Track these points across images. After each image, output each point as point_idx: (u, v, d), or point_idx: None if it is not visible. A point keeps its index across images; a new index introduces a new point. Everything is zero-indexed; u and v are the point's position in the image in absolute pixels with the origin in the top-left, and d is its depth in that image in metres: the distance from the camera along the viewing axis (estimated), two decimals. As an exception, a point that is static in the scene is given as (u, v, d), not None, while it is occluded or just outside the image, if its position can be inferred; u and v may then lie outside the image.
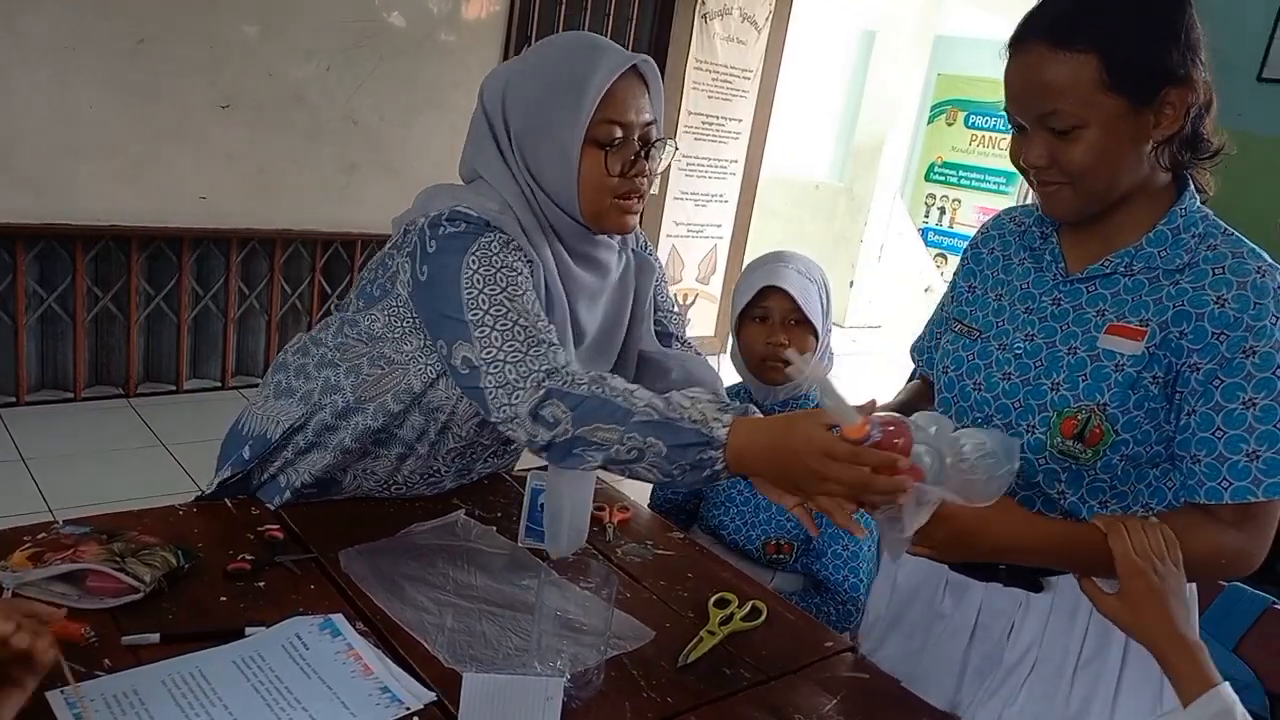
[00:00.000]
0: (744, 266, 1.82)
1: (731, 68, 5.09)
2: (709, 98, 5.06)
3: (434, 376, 1.32)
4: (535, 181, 1.28)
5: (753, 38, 5.10)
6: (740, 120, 5.25)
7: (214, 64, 3.60)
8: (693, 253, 5.36)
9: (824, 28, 6.63)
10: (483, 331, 1.18)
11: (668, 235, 5.19)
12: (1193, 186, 1.12)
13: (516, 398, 1.14)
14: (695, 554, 1.50)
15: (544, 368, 1.15)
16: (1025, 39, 1.06)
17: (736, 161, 5.33)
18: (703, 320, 5.53)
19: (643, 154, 1.28)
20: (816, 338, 1.71)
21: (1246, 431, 1.03)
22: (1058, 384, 1.12)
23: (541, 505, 1.38)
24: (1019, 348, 1.17)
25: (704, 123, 5.10)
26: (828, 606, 1.68)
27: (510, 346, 1.17)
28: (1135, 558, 1.01)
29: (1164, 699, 1.16)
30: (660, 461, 1.07)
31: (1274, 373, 1.03)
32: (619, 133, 1.25)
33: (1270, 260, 1.07)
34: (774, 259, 1.75)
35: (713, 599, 1.31)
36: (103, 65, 3.39)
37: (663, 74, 5.19)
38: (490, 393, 1.17)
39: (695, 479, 1.09)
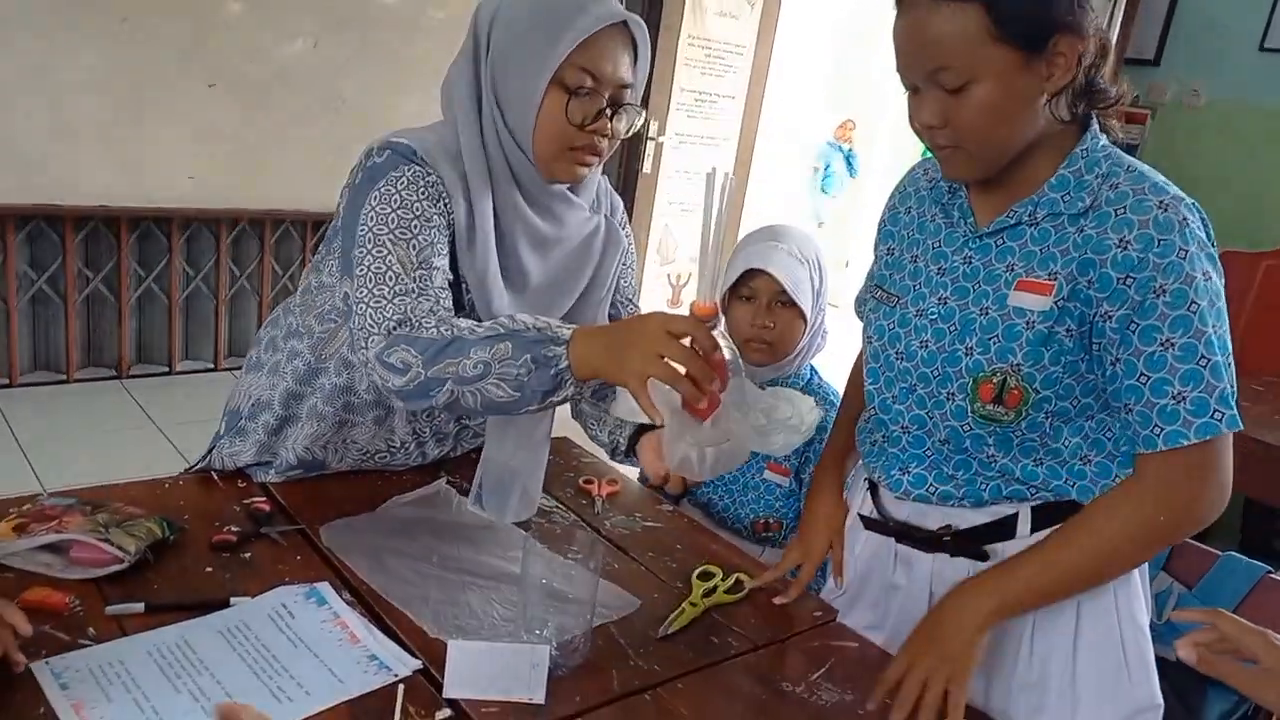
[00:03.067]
0: (738, 241, 1.79)
1: (724, 43, 5.06)
2: (702, 74, 5.03)
3: None
4: (500, 110, 1.25)
5: (745, 12, 5.06)
6: (733, 97, 5.22)
7: (199, 42, 3.56)
8: (686, 231, 5.34)
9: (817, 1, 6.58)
10: (361, 270, 1.19)
11: (660, 214, 5.17)
12: (1096, 126, 1.09)
13: (370, 342, 1.17)
14: (684, 526, 1.50)
15: (396, 316, 1.16)
16: None
17: (729, 139, 5.31)
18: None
19: (608, 112, 1.25)
20: (805, 320, 1.70)
21: (1169, 373, 1.01)
22: (971, 348, 1.11)
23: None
24: (933, 313, 1.16)
25: (696, 99, 5.07)
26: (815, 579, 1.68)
27: (376, 290, 1.18)
28: (1259, 632, 0.91)
29: (1124, 648, 1.16)
30: (506, 367, 1.08)
31: (1188, 309, 1.00)
32: (589, 82, 1.23)
33: (1176, 192, 1.04)
34: (766, 236, 1.72)
35: (697, 571, 1.31)
36: (88, 45, 3.35)
37: (654, 50, 5.12)
38: (354, 333, 1.20)
39: (543, 381, 1.08)
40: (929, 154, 1.16)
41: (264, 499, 1.33)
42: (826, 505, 1.36)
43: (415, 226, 1.20)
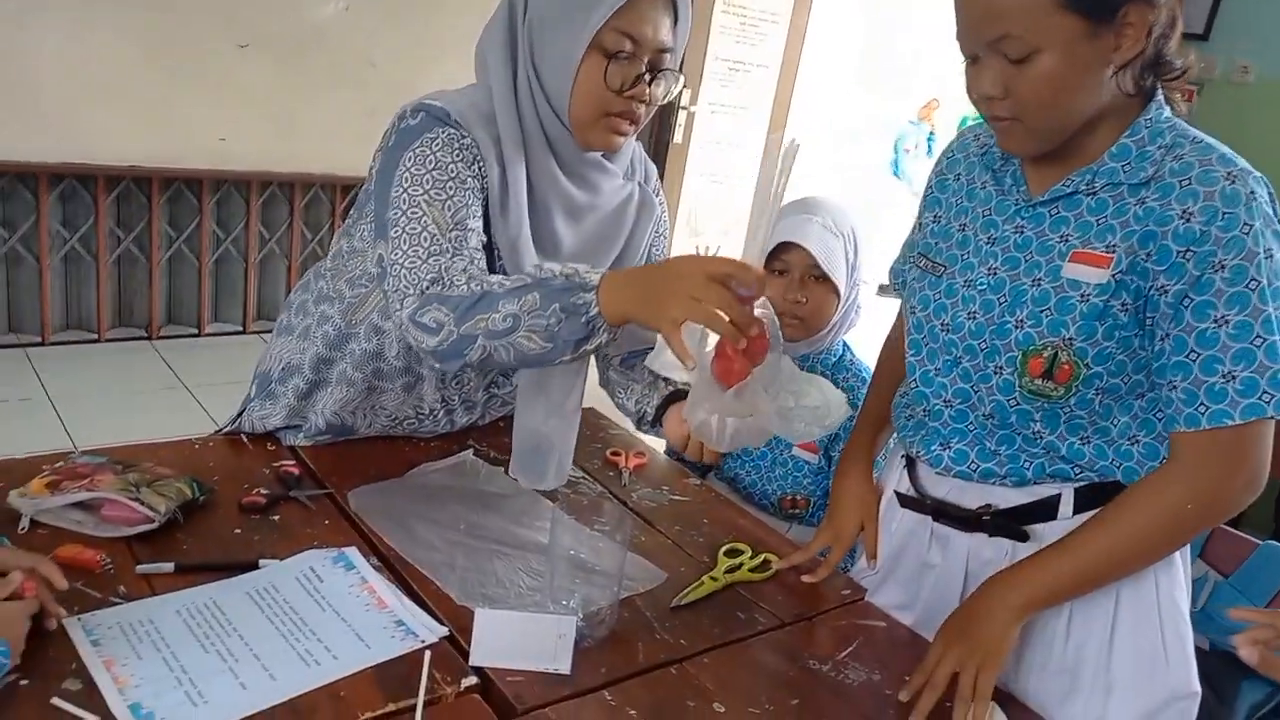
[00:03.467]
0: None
1: (760, 10, 4.98)
2: (736, 42, 4.96)
3: None
4: (536, 74, 1.24)
5: (781, -20, 4.98)
6: (767, 66, 5.15)
7: (232, 3, 3.55)
8: (716, 201, 5.29)
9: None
10: (396, 231, 1.19)
11: (691, 184, 5.12)
12: (1161, 97, 1.06)
13: (405, 303, 1.16)
14: (711, 500, 1.48)
15: (430, 276, 1.16)
16: None
17: (764, 107, 5.24)
18: (725, 271, 5.48)
19: (646, 77, 1.23)
20: (838, 295, 1.66)
21: (1221, 351, 0.98)
22: (1021, 321, 1.08)
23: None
24: (982, 283, 1.12)
25: (730, 68, 5.00)
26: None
27: (412, 250, 1.17)
28: None
29: (1163, 634, 1.14)
30: (536, 318, 1.07)
31: (1246, 286, 0.97)
32: (628, 46, 1.20)
33: (1244, 164, 1.00)
34: (801, 208, 1.68)
35: (724, 548, 1.29)
36: (120, 5, 3.35)
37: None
38: (389, 296, 1.19)
39: (574, 330, 1.07)
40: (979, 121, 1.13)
41: (293, 462, 1.34)
42: (857, 486, 1.34)
43: (450, 188, 1.19)
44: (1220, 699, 1.43)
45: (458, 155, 1.21)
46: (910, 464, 1.29)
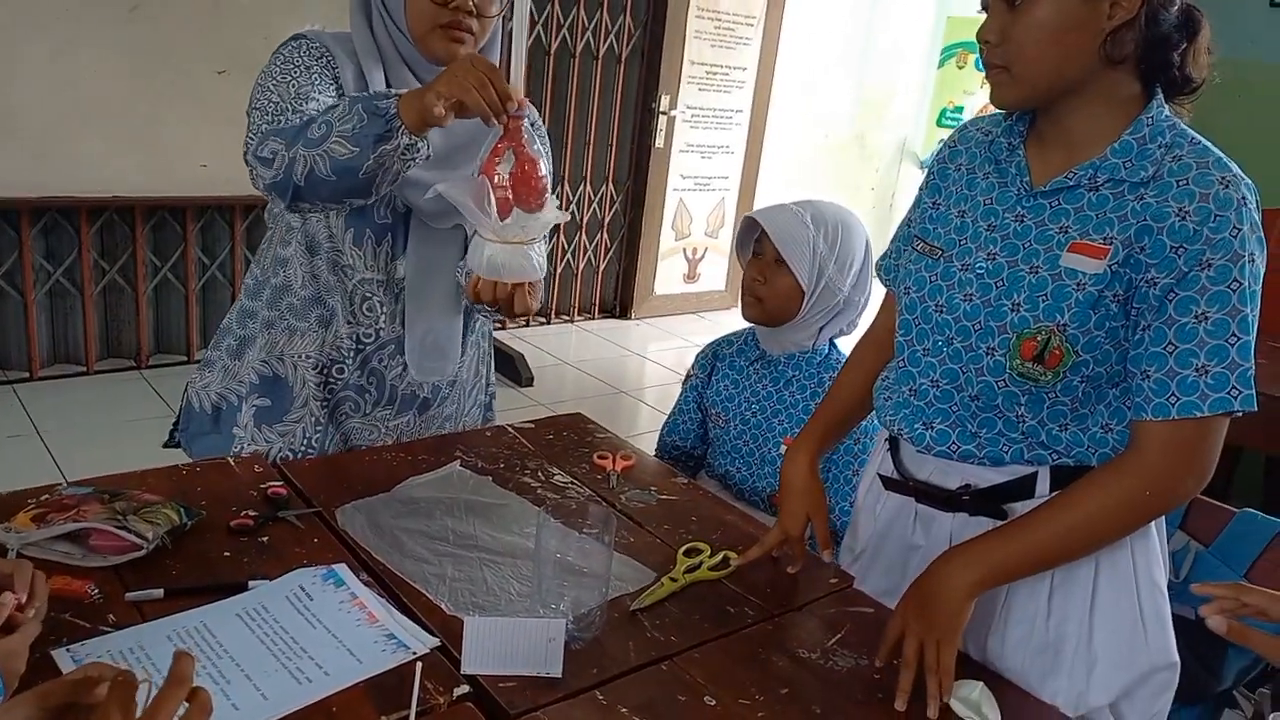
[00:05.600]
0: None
1: (735, 14, 5.00)
2: (712, 46, 4.98)
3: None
4: (383, 3, 1.40)
5: (752, -19, 5.01)
6: (745, 69, 5.17)
7: (211, 27, 3.56)
8: (700, 206, 5.31)
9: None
10: (251, 115, 1.37)
11: (674, 189, 5.14)
12: (1161, 96, 1.09)
13: (249, 145, 1.32)
14: (700, 498, 1.49)
15: (268, 124, 1.32)
16: None
17: (742, 111, 5.26)
18: (712, 274, 5.50)
19: None
20: (799, 282, 1.66)
21: (1197, 346, 1.02)
22: (1018, 305, 1.10)
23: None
24: (980, 267, 1.15)
25: (708, 73, 5.02)
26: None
27: (259, 117, 1.35)
28: None
29: (1141, 607, 1.16)
30: (344, 124, 1.22)
31: (1228, 286, 1.01)
32: None
33: (1237, 170, 1.04)
34: (794, 202, 1.72)
35: (683, 548, 1.30)
36: (100, 31, 3.36)
37: (664, 22, 5.06)
38: (244, 158, 1.34)
39: (375, 126, 1.20)
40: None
41: (280, 483, 1.34)
42: (801, 478, 1.34)
43: (295, 72, 1.37)
44: (1207, 668, 1.44)
45: (305, 53, 1.39)
46: (894, 446, 1.30)
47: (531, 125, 1.52)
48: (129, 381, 3.71)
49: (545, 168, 1.25)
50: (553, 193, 1.28)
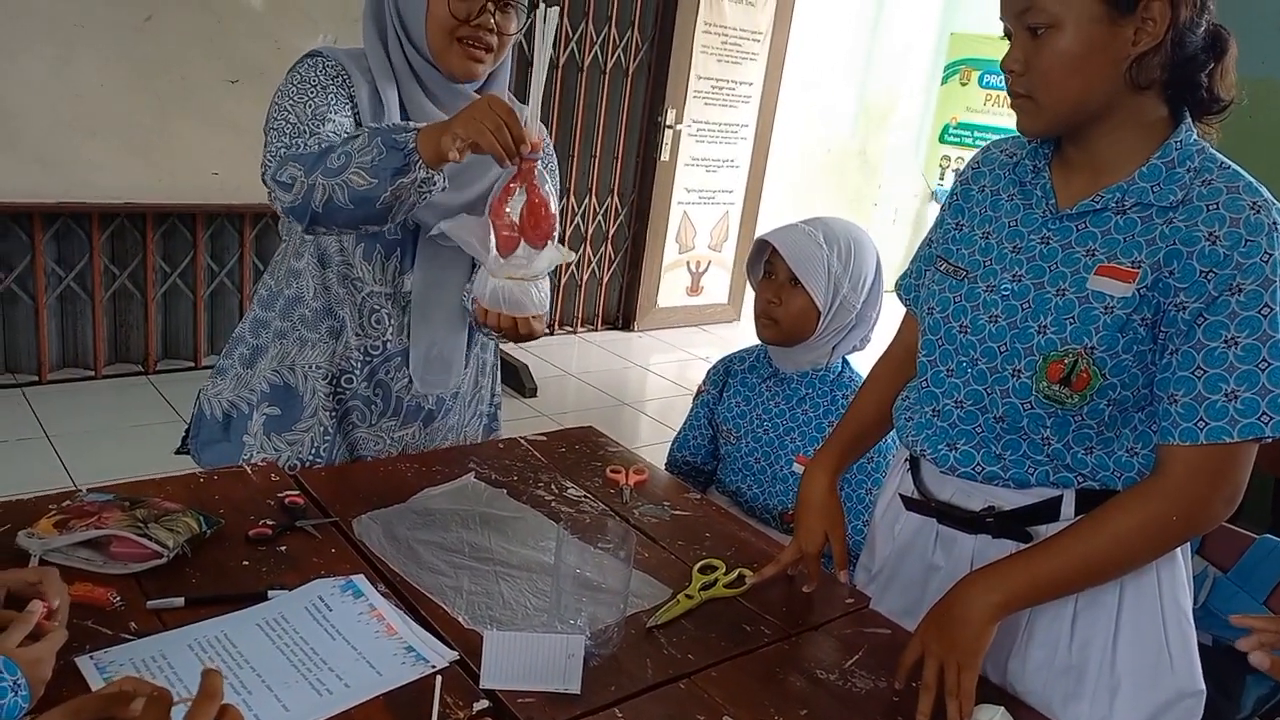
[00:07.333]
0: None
1: (741, 30, 5.03)
2: (718, 61, 5.01)
3: None
4: (399, 14, 1.41)
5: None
6: (750, 84, 5.19)
7: (222, 37, 3.58)
8: (704, 219, 5.32)
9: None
10: (269, 135, 1.38)
11: (679, 202, 5.16)
12: (1189, 120, 1.09)
13: (269, 168, 1.33)
14: (712, 514, 1.50)
15: (286, 147, 1.34)
16: None
17: (748, 126, 5.28)
18: (715, 287, 5.51)
19: (490, 7, 1.39)
20: (814, 302, 1.65)
21: (1227, 371, 1.01)
22: (1044, 327, 1.10)
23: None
24: (1006, 289, 1.14)
25: (714, 87, 5.05)
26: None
27: (276, 138, 1.36)
28: None
29: (1167, 633, 1.15)
30: (363, 155, 1.23)
31: (1259, 311, 1.01)
32: None
33: (1268, 195, 1.04)
34: (803, 221, 1.71)
35: (698, 565, 1.30)
36: (112, 41, 3.38)
37: (671, 37, 5.09)
38: (263, 179, 1.35)
39: (394, 160, 1.22)
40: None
41: (297, 492, 1.35)
42: (819, 495, 1.34)
43: (311, 92, 1.38)
44: (1226, 695, 1.44)
45: (322, 72, 1.40)
46: (914, 466, 1.30)
47: (544, 164, 1.51)
48: (136, 386, 3.71)
49: (555, 206, 1.29)
50: (558, 203, 1.32)
